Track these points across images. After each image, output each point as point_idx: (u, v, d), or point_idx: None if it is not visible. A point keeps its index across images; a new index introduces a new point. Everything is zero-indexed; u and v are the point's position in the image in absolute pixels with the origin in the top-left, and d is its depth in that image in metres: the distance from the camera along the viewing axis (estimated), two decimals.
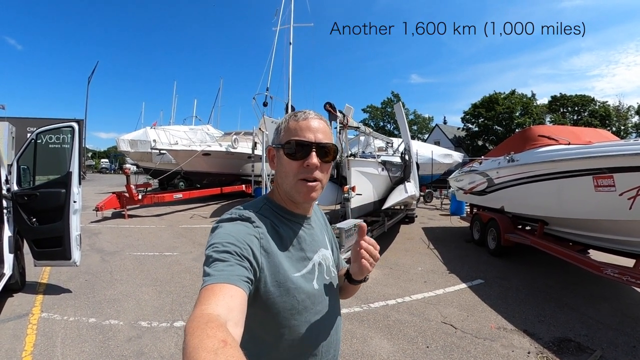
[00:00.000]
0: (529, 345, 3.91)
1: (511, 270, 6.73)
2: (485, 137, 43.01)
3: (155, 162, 20.76)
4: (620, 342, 3.94)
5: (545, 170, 5.81)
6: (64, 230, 5.18)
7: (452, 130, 50.93)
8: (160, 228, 11.00)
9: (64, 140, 5.59)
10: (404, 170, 9.94)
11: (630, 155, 4.26)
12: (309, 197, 1.11)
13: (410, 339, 4.05)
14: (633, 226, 4.53)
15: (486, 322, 4.52)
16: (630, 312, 4.78)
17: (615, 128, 41.97)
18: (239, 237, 0.97)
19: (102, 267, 6.68)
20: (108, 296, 5.26)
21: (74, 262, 5.29)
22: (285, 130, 1.13)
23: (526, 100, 44.08)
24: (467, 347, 3.87)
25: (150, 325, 4.34)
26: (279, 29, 15.42)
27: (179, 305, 4.96)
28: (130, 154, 22.65)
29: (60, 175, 5.30)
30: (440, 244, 9.11)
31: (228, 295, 0.81)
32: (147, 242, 8.95)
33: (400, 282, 6.11)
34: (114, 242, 8.90)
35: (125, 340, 3.94)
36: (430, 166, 21.14)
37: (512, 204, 7.37)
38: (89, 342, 3.89)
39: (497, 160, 7.85)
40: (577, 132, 7.15)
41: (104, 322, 4.39)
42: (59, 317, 4.52)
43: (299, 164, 1.09)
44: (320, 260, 1.21)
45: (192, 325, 0.69)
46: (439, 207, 17.47)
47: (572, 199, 5.37)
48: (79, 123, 5.48)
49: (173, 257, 7.51)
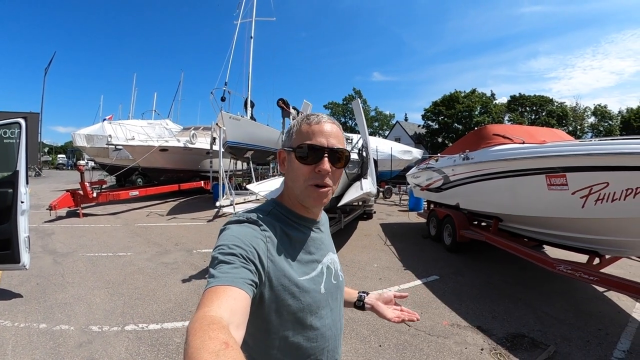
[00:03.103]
0: (483, 341, 3.94)
1: (466, 266, 6.84)
2: (445, 135, 44.05)
3: (111, 158, 20.23)
4: (574, 337, 4.02)
5: (499, 168, 5.91)
6: (11, 232, 4.91)
7: (412, 128, 51.93)
8: (115, 227, 10.66)
9: (19, 135, 5.28)
10: (361, 167, 9.94)
11: (582, 155, 4.37)
12: (319, 203, 1.12)
13: (362, 338, 4.02)
14: (585, 224, 4.65)
15: (440, 319, 4.54)
16: (584, 307, 4.89)
17: (572, 128, 43.88)
18: (246, 239, 0.97)
19: (54, 270, 6.41)
20: (59, 300, 5.06)
21: (24, 266, 5.03)
22: (297, 133, 1.12)
23: (486, 99, 45.48)
24: (420, 345, 3.86)
25: (101, 329, 4.20)
26: (240, 22, 15.10)
27: (130, 308, 4.81)
28: (86, 149, 22.09)
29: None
30: (398, 240, 9.19)
31: (231, 297, 0.81)
32: (101, 242, 8.64)
33: (355, 279, 6.09)
34: (67, 242, 8.54)
35: (75, 346, 3.81)
36: (390, 162, 21.40)
37: (467, 201, 7.50)
38: (39, 349, 3.75)
39: (452, 157, 7.97)
40: (532, 131, 7.32)
41: (54, 327, 4.24)
42: (9, 323, 4.33)
43: (310, 168, 1.08)
44: (328, 264, 1.20)
45: (194, 327, 0.70)
46: (398, 203, 17.71)
47: (525, 197, 5.49)
48: (25, 119, 5.19)
49: (127, 258, 7.29)
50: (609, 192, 4.07)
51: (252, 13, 15.48)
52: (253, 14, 15.32)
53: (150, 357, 3.64)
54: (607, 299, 5.17)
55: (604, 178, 4.10)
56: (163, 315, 4.62)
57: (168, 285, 5.66)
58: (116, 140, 16.79)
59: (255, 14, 15.39)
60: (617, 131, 42.79)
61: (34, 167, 35.57)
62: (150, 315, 4.61)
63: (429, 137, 46.35)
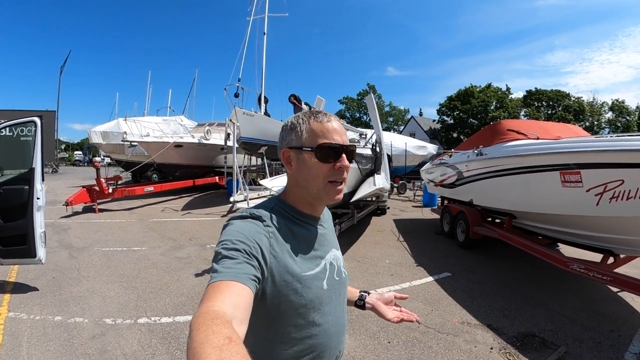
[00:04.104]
0: (492, 340, 3.90)
1: (479, 263, 6.77)
2: (461, 130, 43.53)
3: (127, 155, 20.45)
4: (586, 338, 3.93)
5: (513, 164, 5.82)
6: (27, 227, 5.10)
7: (427, 123, 51.48)
8: (130, 222, 10.80)
9: (35, 133, 5.44)
10: (375, 162, 9.89)
11: (597, 151, 4.25)
12: (336, 198, 1.14)
13: (372, 334, 4.02)
14: (600, 222, 4.54)
15: (450, 316, 4.51)
16: (598, 307, 4.78)
17: (589, 123, 42.95)
18: (249, 235, 0.98)
19: (69, 264, 6.54)
20: (74, 293, 5.18)
21: (39, 260, 5.20)
22: (308, 132, 1.12)
23: (501, 94, 44.77)
24: (429, 342, 3.85)
25: (114, 322, 4.30)
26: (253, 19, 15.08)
27: (143, 302, 4.90)
28: (102, 146, 22.34)
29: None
30: (411, 236, 9.14)
31: (234, 292, 0.82)
32: (116, 237, 8.78)
33: (367, 275, 6.09)
34: (83, 237, 8.69)
35: (89, 338, 3.90)
36: (404, 158, 21.27)
37: (481, 197, 7.41)
38: (53, 340, 3.85)
39: (466, 153, 7.87)
40: (547, 127, 7.20)
41: (69, 320, 4.34)
42: (25, 316, 4.45)
43: (329, 166, 1.10)
44: (331, 260, 1.21)
45: (198, 321, 0.71)
46: (412, 198, 17.58)
47: (539, 193, 5.40)
48: (41, 117, 5.37)
49: (141, 252, 7.40)
50: (624, 189, 3.97)
51: (264, 9, 15.44)
52: (266, 9, 15.28)
53: (162, 349, 3.70)
54: (621, 299, 5.05)
55: (619, 175, 4.00)
56: (175, 308, 4.69)
57: (181, 280, 5.74)
58: (131, 137, 17.02)
59: (267, 9, 15.34)
60: (635, 127, 41.74)
61: (51, 164, 36.11)
62: (162, 309, 4.68)
63: (444, 133, 45.84)
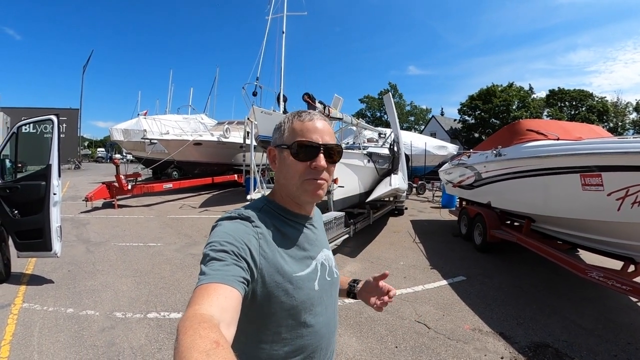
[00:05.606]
0: (504, 349, 3.76)
1: (496, 267, 6.59)
2: (482, 130, 42.90)
3: (147, 152, 20.84)
4: (601, 350, 3.75)
5: (532, 166, 5.65)
6: (44, 222, 5.27)
7: (448, 122, 50.91)
8: (148, 218, 11.01)
9: (52, 131, 5.64)
10: (392, 162, 9.79)
11: (620, 153, 4.04)
12: (315, 195, 1.11)
13: (379, 338, 3.95)
14: (621, 228, 4.33)
15: (462, 322, 4.39)
16: (615, 317, 4.56)
17: (612, 124, 41.89)
18: (237, 236, 0.96)
19: (86, 258, 6.71)
20: (88, 287, 5.32)
21: (55, 254, 5.38)
22: (289, 130, 1.12)
23: (523, 93, 43.99)
24: (437, 348, 3.74)
25: (124, 316, 4.40)
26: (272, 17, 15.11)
27: (154, 297, 4.99)
28: (123, 143, 22.88)
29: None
30: (427, 238, 9.00)
31: (222, 295, 0.80)
32: (133, 233, 8.95)
33: None
34: (100, 232, 8.90)
35: (98, 331, 4.01)
36: (424, 158, 21.06)
37: (499, 200, 7.25)
38: (64, 332, 3.98)
39: (485, 154, 7.69)
40: (568, 127, 6.99)
41: (80, 312, 4.48)
42: (39, 307, 4.61)
43: (305, 165, 1.08)
44: (322, 260, 1.20)
45: (185, 325, 0.69)
46: (431, 199, 17.36)
47: (558, 197, 5.23)
48: (57, 116, 5.57)
49: (156, 248, 7.52)
50: None
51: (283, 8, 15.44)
52: (284, 8, 15.27)
53: (169, 344, 3.74)
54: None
55: None
56: (185, 304, 4.62)
57: (193, 276, 5.74)
58: (151, 135, 17.30)
59: (286, 9, 15.34)
60: None
61: (73, 160, 37.22)
62: (172, 304, 4.74)
63: (465, 132, 45.22)
